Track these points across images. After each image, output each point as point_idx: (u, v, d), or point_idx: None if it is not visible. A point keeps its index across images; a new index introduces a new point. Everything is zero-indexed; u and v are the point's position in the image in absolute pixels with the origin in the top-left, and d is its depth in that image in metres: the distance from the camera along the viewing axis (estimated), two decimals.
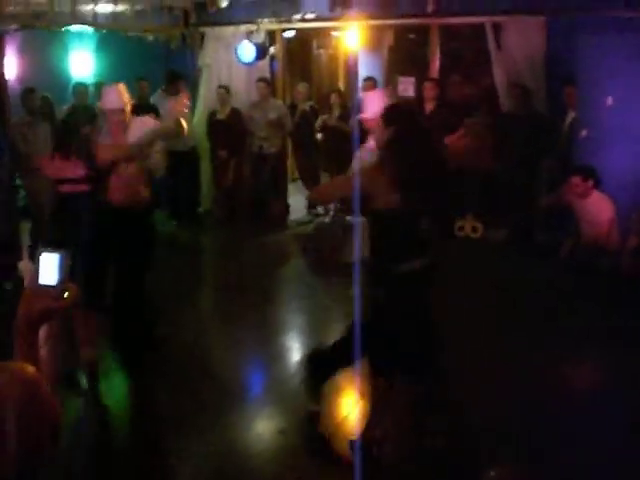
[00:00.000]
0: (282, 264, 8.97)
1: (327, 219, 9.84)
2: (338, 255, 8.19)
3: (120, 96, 5.64)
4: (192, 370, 5.64)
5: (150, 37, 10.70)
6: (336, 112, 10.43)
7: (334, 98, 10.61)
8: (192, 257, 9.33)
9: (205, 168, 11.00)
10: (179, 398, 5.21)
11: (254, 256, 9.03)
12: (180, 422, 4.86)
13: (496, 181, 9.11)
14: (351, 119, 9.74)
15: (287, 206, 11.07)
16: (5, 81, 7.99)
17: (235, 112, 10.61)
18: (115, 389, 5.47)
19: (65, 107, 9.29)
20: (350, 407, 4.96)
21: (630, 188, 7.59)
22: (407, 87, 9.88)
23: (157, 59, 10.98)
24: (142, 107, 10.12)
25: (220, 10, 10.68)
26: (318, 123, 10.61)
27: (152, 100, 10.38)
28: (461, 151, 4.32)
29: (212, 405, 5.08)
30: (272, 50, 11.29)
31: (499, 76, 9.54)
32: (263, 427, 4.86)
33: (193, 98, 10.62)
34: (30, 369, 1.44)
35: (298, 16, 10.54)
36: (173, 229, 10.43)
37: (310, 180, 10.97)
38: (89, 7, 9.58)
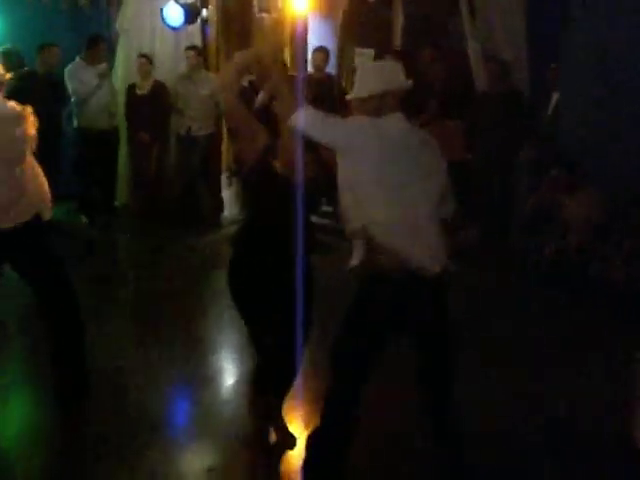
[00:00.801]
0: (213, 270, 8.95)
1: None
2: None
3: None
4: (105, 397, 5.57)
5: None
6: None
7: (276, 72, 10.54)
8: (105, 261, 9.27)
9: (122, 153, 10.95)
10: (88, 430, 5.18)
11: (180, 261, 9.01)
12: (89, 459, 4.84)
13: (467, 174, 9.23)
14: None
15: (220, 200, 11.06)
16: None
17: (158, 86, 10.58)
18: (14, 418, 5.42)
19: None
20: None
21: (625, 182, 7.73)
22: (364, 60, 9.98)
23: (64, 22, 10.88)
24: (50, 79, 10.07)
25: None
26: (258, 101, 10.58)
27: (68, 72, 10.29)
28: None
29: (128, 439, 5.05)
30: (204, 13, 11.29)
31: (473, 48, 9.64)
32: (188, 465, 4.86)
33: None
34: None
35: None
36: (82, 226, 10.36)
37: None
38: None
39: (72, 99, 10.31)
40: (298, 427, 5.09)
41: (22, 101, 5.19)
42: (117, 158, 10.90)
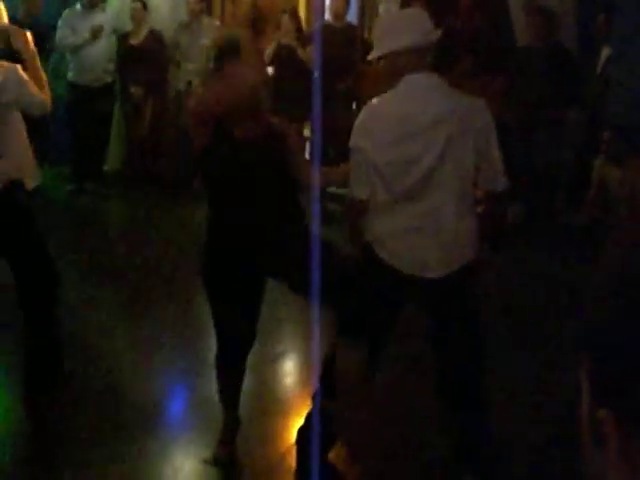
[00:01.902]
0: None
1: None
2: None
3: None
4: (94, 384, 5.68)
5: None
6: (290, 40, 10.27)
7: (287, 22, 10.30)
8: (93, 233, 9.32)
9: (114, 112, 11.02)
10: (79, 420, 5.28)
11: (177, 233, 9.05)
12: (78, 448, 4.96)
13: (507, 139, 9.22)
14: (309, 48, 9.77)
15: None
16: None
17: (154, 35, 10.62)
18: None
19: None
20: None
21: None
22: (390, 7, 9.96)
23: None
24: (33, 28, 10.10)
25: None
26: (268, 51, 10.52)
27: (62, 20, 10.37)
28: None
29: (118, 429, 5.13)
30: None
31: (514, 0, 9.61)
32: (182, 457, 4.97)
33: None
34: None
35: None
36: (69, 194, 10.43)
37: None
38: None
39: (59, 49, 10.37)
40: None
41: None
42: (111, 118, 10.96)
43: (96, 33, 10.24)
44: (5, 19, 5.63)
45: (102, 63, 10.48)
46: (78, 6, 10.49)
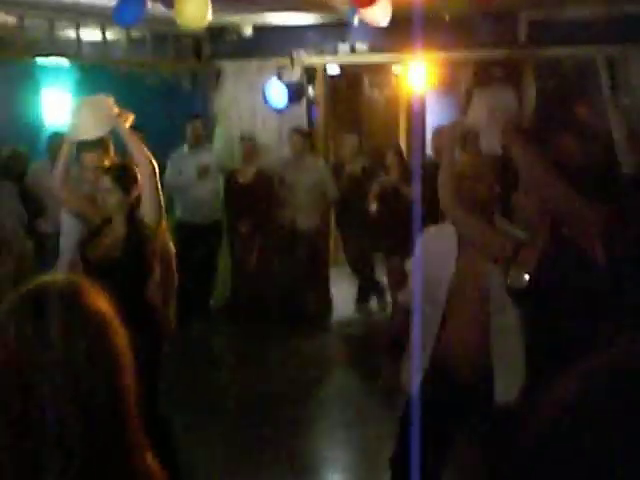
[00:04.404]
0: (323, 379, 8.92)
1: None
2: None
3: None
4: None
5: (150, 74, 10.93)
6: (394, 175, 10.36)
7: (391, 157, 10.42)
8: (198, 370, 9.31)
9: (222, 249, 11.09)
10: None
11: (285, 368, 9.00)
12: None
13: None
14: (414, 184, 9.78)
15: (329, 299, 11.09)
16: None
17: (262, 173, 10.73)
18: None
19: (38, 164, 9.52)
20: None
21: None
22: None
23: (158, 103, 11.17)
24: None
25: (242, 39, 10.88)
26: (374, 188, 10.57)
27: (170, 161, 10.58)
28: None
29: None
30: (311, 92, 11.48)
31: (617, 126, 9.55)
32: None
33: None
34: None
35: (345, 46, 10.71)
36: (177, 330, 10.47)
37: (360, 264, 10.99)
38: (70, 33, 9.74)
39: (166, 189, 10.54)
40: None
41: None
42: (217, 255, 11.03)
43: (203, 173, 10.38)
44: None
45: (209, 201, 10.58)
46: (184, 147, 10.66)
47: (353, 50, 10.72)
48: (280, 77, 10.73)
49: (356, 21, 8.50)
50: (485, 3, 9.65)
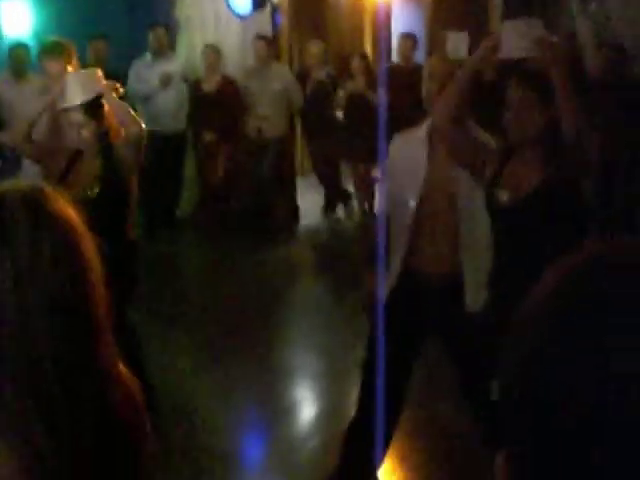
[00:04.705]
0: (291, 287, 8.97)
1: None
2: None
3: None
4: (175, 429, 5.61)
5: None
6: (360, 82, 10.36)
7: (357, 63, 10.51)
8: (167, 280, 9.32)
9: (185, 158, 11.03)
10: (158, 466, 5.21)
11: (252, 277, 9.03)
12: None
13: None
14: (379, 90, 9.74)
15: (296, 208, 11.09)
16: None
17: (227, 82, 10.62)
18: None
19: None
20: None
21: None
22: (458, 45, 9.88)
23: (121, 10, 11.00)
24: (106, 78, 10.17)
25: None
26: (339, 95, 10.55)
27: (132, 69, 10.46)
28: None
29: (201, 475, 5.11)
30: None
31: (583, 27, 9.49)
32: None
33: None
34: None
35: None
36: (140, 239, 10.44)
37: (327, 172, 10.99)
38: None
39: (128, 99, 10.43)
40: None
41: None
42: (183, 165, 10.97)
43: (165, 82, 10.27)
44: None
45: (172, 111, 10.48)
46: (147, 55, 10.55)
47: None
48: None
49: None
50: None
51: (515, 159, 4.07)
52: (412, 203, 4.44)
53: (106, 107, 5.30)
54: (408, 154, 4.61)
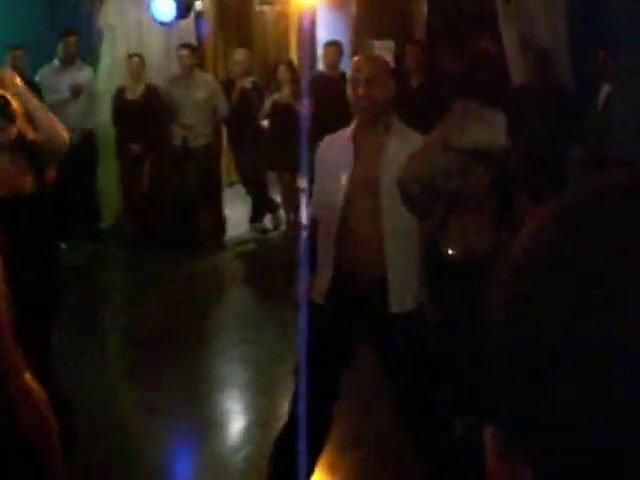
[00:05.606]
0: (218, 298, 8.91)
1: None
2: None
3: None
4: (102, 446, 5.51)
5: None
6: (287, 90, 10.39)
7: (283, 72, 10.58)
8: (91, 294, 9.18)
9: (110, 168, 10.91)
10: None
11: (179, 290, 8.98)
12: None
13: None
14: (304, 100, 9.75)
15: (222, 219, 11.03)
16: None
17: (151, 90, 10.56)
18: None
19: None
20: None
21: None
22: (384, 54, 9.94)
23: (37, 17, 10.83)
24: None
25: None
26: (266, 105, 10.56)
27: (40, 76, 10.32)
28: None
29: None
30: (198, 6, 11.31)
31: (508, 37, 9.59)
32: None
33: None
34: None
35: None
36: (62, 253, 10.30)
37: (254, 182, 10.96)
38: None
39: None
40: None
41: None
42: (94, 174, 10.85)
43: (76, 92, 10.21)
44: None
45: (81, 121, 10.31)
46: (55, 62, 10.46)
47: None
48: None
49: None
50: None
51: (462, 214, 4.02)
52: (338, 204, 4.40)
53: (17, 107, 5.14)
54: (334, 155, 4.58)
